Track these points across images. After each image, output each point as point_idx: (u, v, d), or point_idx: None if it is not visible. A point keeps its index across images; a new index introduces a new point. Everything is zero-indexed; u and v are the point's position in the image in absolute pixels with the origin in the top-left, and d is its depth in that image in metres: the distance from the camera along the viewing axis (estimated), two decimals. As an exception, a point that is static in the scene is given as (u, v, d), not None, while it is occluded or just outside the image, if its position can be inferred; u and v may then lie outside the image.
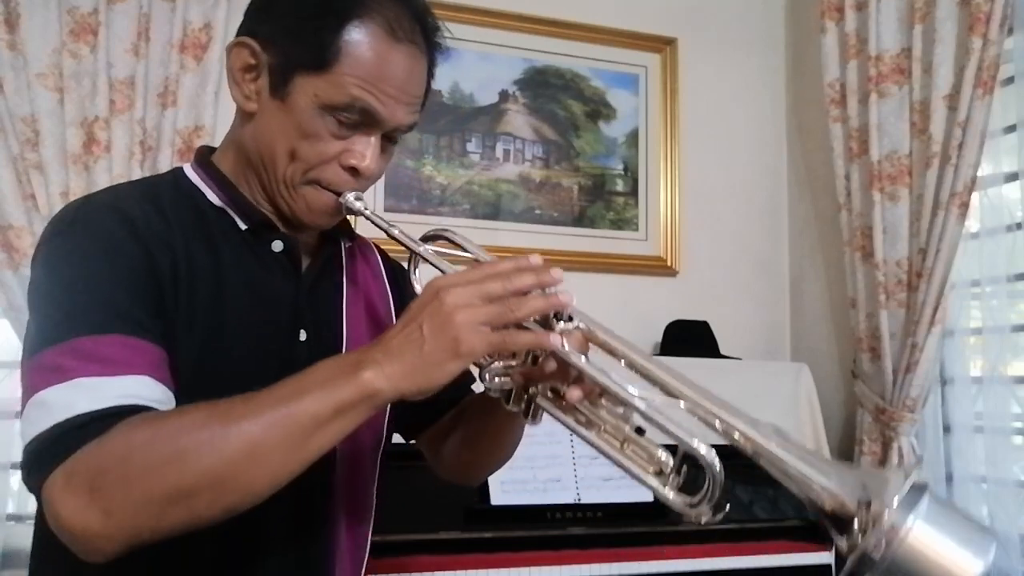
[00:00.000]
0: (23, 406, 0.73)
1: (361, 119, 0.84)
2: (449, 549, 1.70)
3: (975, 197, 1.99)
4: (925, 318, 2.00)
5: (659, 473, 0.78)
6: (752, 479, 2.08)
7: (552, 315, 0.77)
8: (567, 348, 0.75)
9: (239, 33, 0.89)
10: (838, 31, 2.30)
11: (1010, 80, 1.98)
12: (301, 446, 0.71)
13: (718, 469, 0.71)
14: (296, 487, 0.84)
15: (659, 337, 2.37)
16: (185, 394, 0.78)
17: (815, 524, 2.04)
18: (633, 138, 2.58)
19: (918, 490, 0.66)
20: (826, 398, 2.33)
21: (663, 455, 0.78)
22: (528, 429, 1.94)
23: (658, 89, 2.61)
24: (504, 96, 2.46)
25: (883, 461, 2.01)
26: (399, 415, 1.04)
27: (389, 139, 0.90)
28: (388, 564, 1.60)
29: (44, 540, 0.84)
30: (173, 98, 2.03)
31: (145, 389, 0.73)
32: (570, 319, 0.78)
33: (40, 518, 0.84)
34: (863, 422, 2.17)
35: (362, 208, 0.88)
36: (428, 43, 0.89)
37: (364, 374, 0.71)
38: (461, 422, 1.06)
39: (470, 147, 2.41)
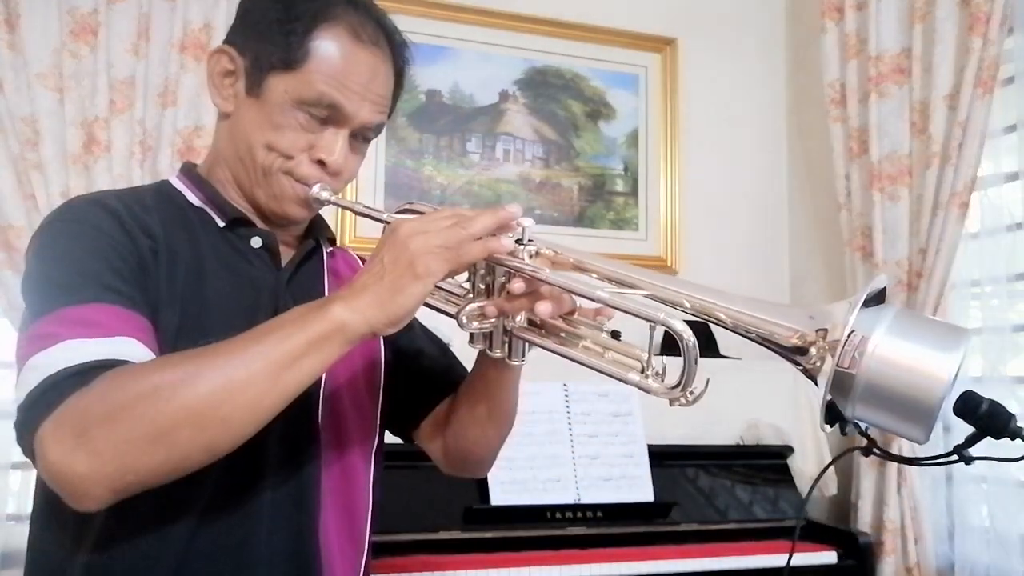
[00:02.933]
0: (17, 379, 0.76)
1: (329, 114, 0.90)
2: (449, 549, 1.70)
3: (975, 197, 1.99)
4: (925, 318, 2.00)
5: (640, 371, 0.80)
6: (752, 479, 2.08)
7: (515, 241, 0.80)
8: (527, 261, 0.79)
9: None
10: (838, 31, 2.30)
11: (1010, 80, 1.98)
12: (276, 380, 0.73)
13: (691, 341, 0.73)
14: (286, 484, 0.89)
15: (659, 337, 2.37)
16: None
17: (815, 524, 2.04)
18: (633, 138, 2.58)
19: (881, 308, 0.69)
20: (826, 398, 2.32)
21: (642, 353, 0.81)
22: (529, 428, 1.93)
23: (658, 89, 2.61)
24: (504, 96, 2.46)
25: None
26: (393, 407, 1.05)
27: (361, 139, 0.95)
28: (388, 564, 1.60)
29: (44, 510, 0.90)
30: (173, 98, 2.03)
31: (128, 348, 0.76)
32: (530, 242, 0.81)
33: (38, 487, 0.90)
34: (863, 422, 2.16)
35: (328, 197, 0.92)
36: (393, 50, 0.95)
37: (333, 308, 0.75)
38: (455, 402, 1.06)
39: (470, 147, 2.41)
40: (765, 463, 2.11)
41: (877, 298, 0.72)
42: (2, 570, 1.90)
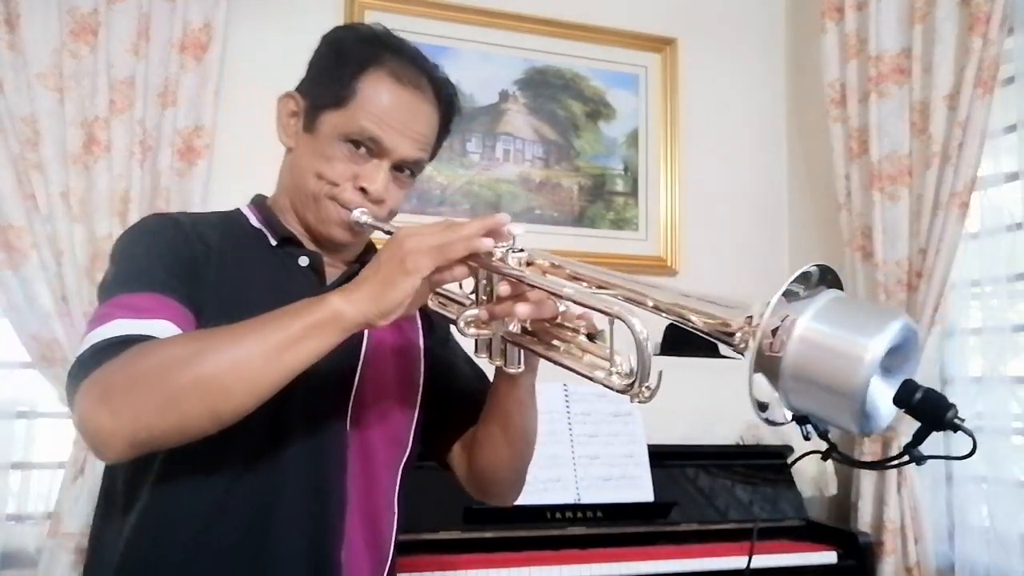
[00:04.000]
0: None
1: (371, 147, 1.02)
2: (449, 549, 1.70)
3: (975, 197, 1.99)
4: (925, 318, 2.00)
5: (607, 368, 0.84)
6: (753, 479, 2.08)
7: (506, 249, 0.87)
8: (509, 263, 0.86)
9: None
10: (838, 31, 2.30)
11: (1010, 80, 1.98)
12: (274, 359, 0.82)
13: (644, 336, 0.76)
14: (312, 476, 0.98)
15: (659, 337, 2.37)
16: None
17: (815, 524, 2.04)
18: (633, 138, 2.58)
19: (815, 292, 0.70)
20: (826, 398, 2.33)
21: (617, 357, 0.84)
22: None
23: (658, 89, 2.61)
24: (504, 96, 2.46)
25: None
26: (427, 427, 1.12)
27: (406, 173, 1.06)
28: (388, 564, 1.60)
29: (103, 496, 1.01)
30: (173, 98, 2.03)
31: (164, 330, 0.88)
32: (522, 251, 0.88)
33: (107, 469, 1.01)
34: (863, 422, 2.16)
35: (367, 221, 1.02)
36: (437, 95, 1.07)
37: (332, 299, 0.84)
38: (476, 428, 1.12)
39: (470, 147, 2.41)
40: (765, 463, 2.12)
41: (833, 285, 0.74)
42: (2, 570, 1.90)
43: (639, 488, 1.92)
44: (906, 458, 0.92)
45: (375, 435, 1.05)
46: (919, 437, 0.79)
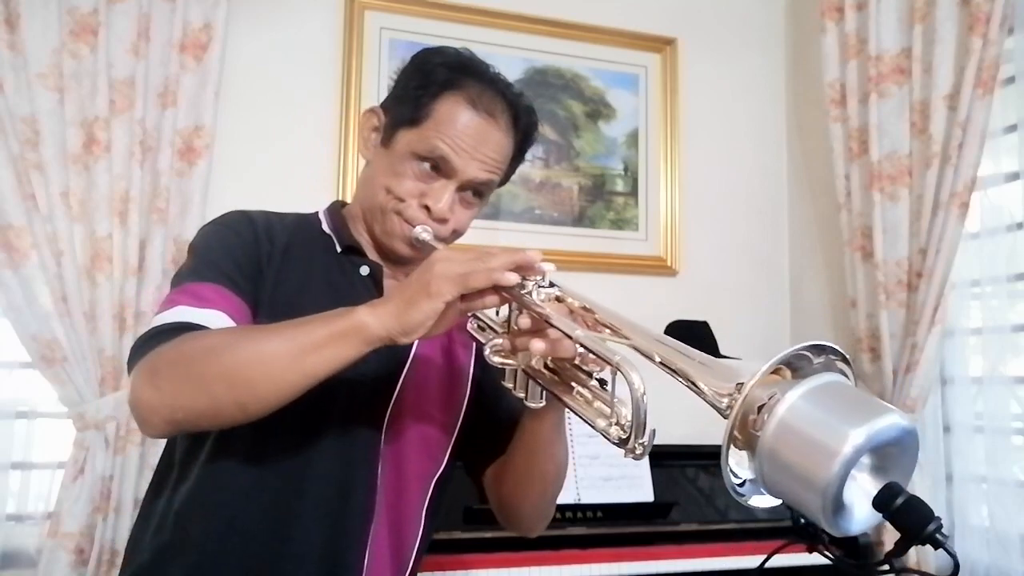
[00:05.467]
0: None
1: (440, 167, 1.05)
2: (449, 549, 1.70)
3: (975, 197, 1.99)
4: (925, 318, 2.00)
5: (609, 417, 0.83)
6: (752, 479, 2.08)
7: (535, 283, 0.88)
8: (533, 297, 0.87)
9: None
10: (838, 31, 2.30)
11: (1010, 80, 1.98)
12: (299, 360, 0.86)
13: (640, 392, 0.75)
14: (336, 486, 1.01)
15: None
16: None
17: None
18: (633, 138, 2.58)
19: (821, 374, 0.66)
20: (826, 398, 2.32)
21: (622, 407, 0.83)
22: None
23: (658, 89, 2.61)
24: (504, 96, 2.46)
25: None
26: (464, 445, 1.15)
27: (474, 194, 1.08)
28: (388, 564, 1.60)
29: (159, 470, 1.08)
30: (173, 98, 2.03)
31: (218, 319, 0.95)
32: (551, 285, 0.89)
33: (166, 450, 1.09)
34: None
35: (427, 239, 1.05)
36: (515, 121, 1.09)
37: (359, 311, 0.87)
38: (506, 459, 1.14)
39: (470, 147, 2.41)
40: (765, 463, 2.11)
41: (845, 365, 0.68)
42: (2, 570, 1.90)
43: (639, 488, 1.92)
44: (886, 567, 0.88)
45: (409, 447, 1.07)
46: (900, 549, 0.73)
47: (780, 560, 1.86)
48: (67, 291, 1.91)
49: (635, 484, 1.92)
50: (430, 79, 1.06)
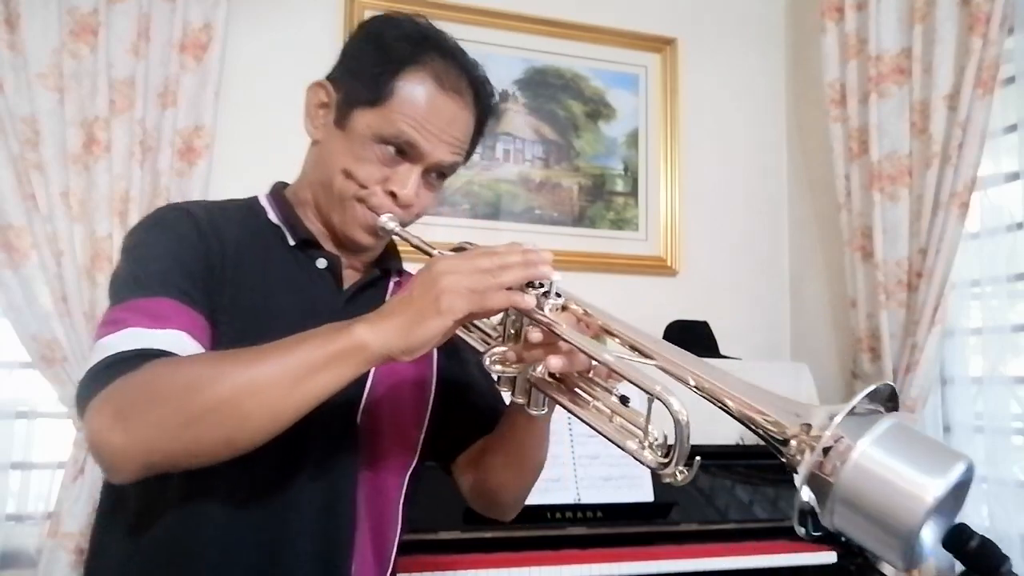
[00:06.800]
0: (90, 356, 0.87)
1: (406, 151, 0.97)
2: (449, 549, 1.70)
3: (975, 197, 1.99)
4: (925, 318, 2.00)
5: (640, 440, 0.81)
6: (752, 479, 2.08)
7: (542, 294, 0.83)
8: (547, 314, 0.82)
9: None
10: (838, 31, 2.30)
11: (1010, 80, 1.98)
12: (294, 387, 0.79)
13: (684, 420, 0.73)
14: (321, 488, 0.95)
15: (659, 337, 2.37)
16: None
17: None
18: (633, 138, 2.58)
19: (877, 416, 0.66)
20: (826, 398, 2.32)
21: (648, 424, 0.81)
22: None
23: (658, 89, 2.61)
24: (504, 96, 2.46)
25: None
26: (434, 434, 1.09)
27: (439, 175, 1.02)
28: (388, 564, 1.60)
29: (108, 499, 0.98)
30: (173, 98, 2.03)
31: (179, 341, 0.85)
32: (557, 296, 0.84)
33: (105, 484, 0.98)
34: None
35: (394, 227, 0.99)
36: (476, 98, 1.02)
37: (357, 329, 0.80)
38: (486, 447, 1.11)
39: (470, 147, 2.41)
40: (765, 463, 2.11)
41: (889, 403, 0.69)
42: (2, 570, 1.90)
43: (639, 488, 1.92)
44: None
45: (384, 443, 1.03)
46: None
47: (780, 560, 1.86)
48: (67, 291, 1.91)
49: (635, 484, 1.92)
50: (390, 55, 0.97)
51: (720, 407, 0.76)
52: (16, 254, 1.88)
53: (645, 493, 1.91)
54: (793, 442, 0.67)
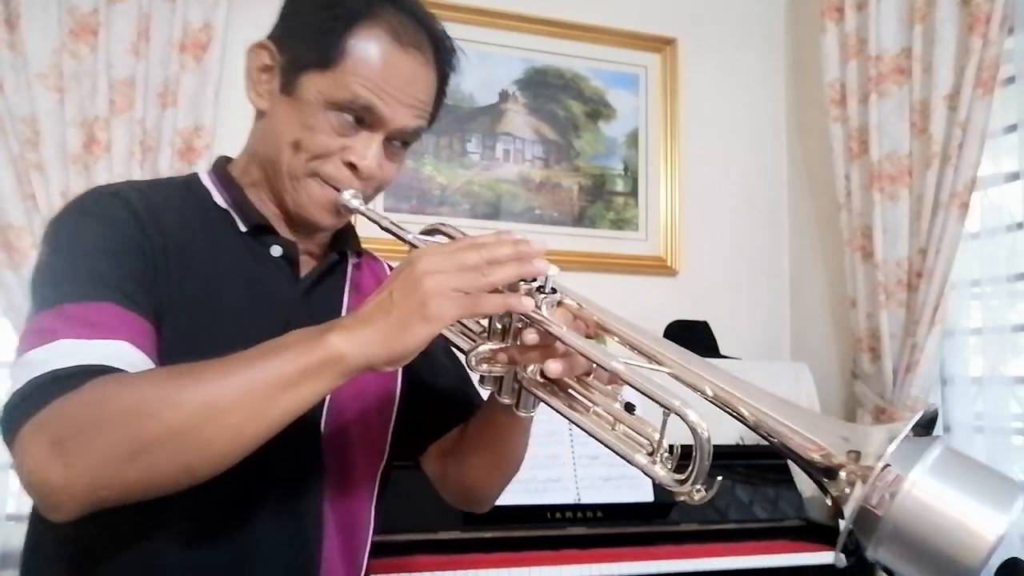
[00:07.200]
0: (12, 371, 0.74)
1: (364, 117, 0.86)
2: (449, 549, 1.70)
3: (975, 197, 1.99)
4: (925, 318, 2.00)
5: (650, 452, 0.75)
6: (752, 479, 2.08)
7: (535, 289, 0.76)
8: (545, 315, 0.74)
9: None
10: (838, 31, 2.30)
11: (1010, 80, 1.98)
12: (263, 407, 0.69)
13: (706, 436, 0.67)
14: (285, 501, 0.87)
15: (658, 335, 2.37)
16: None
17: (815, 524, 2.04)
18: (633, 138, 2.58)
19: (929, 441, 0.60)
20: (826, 398, 2.33)
21: (655, 433, 0.76)
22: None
23: (658, 89, 2.61)
24: (504, 96, 2.46)
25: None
26: (402, 430, 1.02)
27: (399, 144, 0.92)
28: (388, 564, 1.60)
29: (38, 534, 0.87)
30: (173, 98, 2.03)
31: (123, 353, 0.74)
32: (554, 292, 0.76)
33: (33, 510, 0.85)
34: (863, 422, 2.16)
35: (358, 206, 0.88)
36: (437, 54, 0.92)
37: (332, 338, 0.70)
38: (463, 435, 1.04)
39: (470, 147, 2.41)
40: (765, 463, 2.11)
41: (924, 427, 0.63)
42: (2, 570, 1.90)
43: (639, 488, 1.92)
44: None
45: (352, 450, 0.95)
46: None
47: (780, 560, 1.86)
48: (67, 291, 1.90)
49: (635, 484, 1.92)
50: (339, 9, 0.86)
51: (735, 416, 0.70)
52: (16, 254, 1.88)
53: (645, 493, 1.91)
54: (842, 474, 0.61)
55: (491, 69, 2.45)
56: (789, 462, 2.09)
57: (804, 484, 2.16)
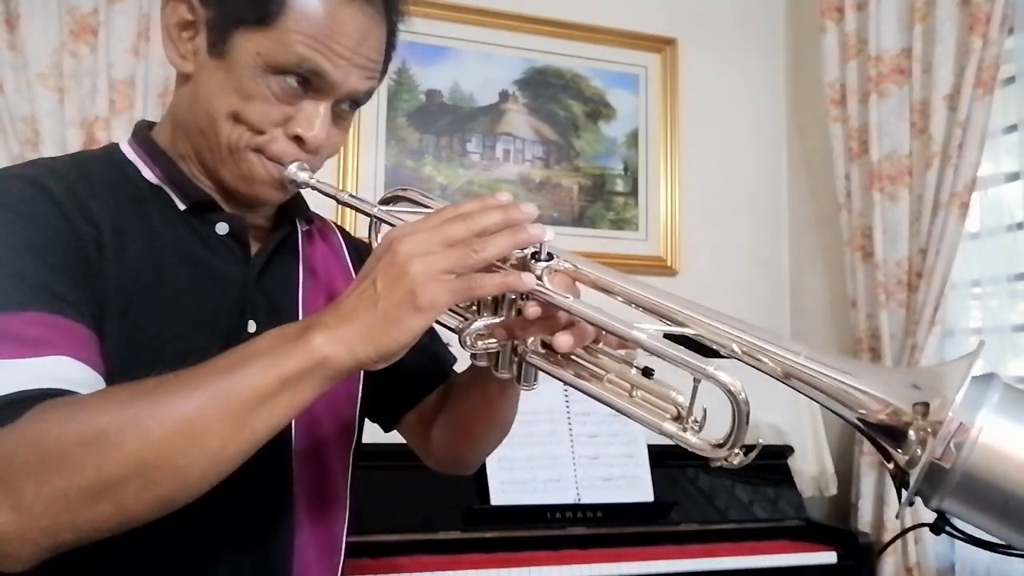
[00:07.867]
0: None
1: (311, 81, 0.77)
2: (449, 549, 1.70)
3: (975, 197, 1.99)
4: (925, 318, 2.00)
5: (676, 418, 0.69)
6: (752, 479, 2.08)
7: (529, 256, 0.68)
8: (548, 287, 0.67)
9: None
10: (838, 31, 2.30)
11: (1010, 80, 1.98)
12: (242, 425, 0.61)
13: (742, 396, 0.62)
14: (250, 486, 0.76)
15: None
16: (116, 382, 0.67)
17: (815, 524, 2.04)
18: (633, 138, 2.58)
19: (984, 380, 0.55)
20: (826, 398, 2.32)
21: (679, 396, 0.70)
22: (529, 428, 1.91)
23: (658, 89, 2.61)
24: (504, 96, 2.46)
25: (884, 462, 2.00)
26: (372, 403, 0.95)
27: (348, 106, 0.82)
28: (388, 564, 1.60)
29: None
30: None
31: (67, 371, 0.64)
32: (550, 257, 0.69)
33: None
34: (863, 422, 2.16)
35: (307, 179, 0.79)
36: (387, 7, 0.82)
37: (313, 340, 0.62)
38: (448, 402, 0.96)
39: (470, 147, 2.41)
40: (765, 463, 2.12)
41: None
42: (2, 570, 1.90)
43: (639, 488, 1.92)
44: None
45: (322, 429, 0.87)
46: None
47: (780, 560, 1.86)
48: (67, 291, 1.90)
49: (635, 484, 1.92)
50: None
51: (783, 381, 0.63)
52: (16, 254, 1.88)
53: (645, 493, 1.91)
54: (912, 432, 0.56)
55: (491, 69, 2.45)
56: (788, 463, 2.12)
57: (804, 484, 2.16)
